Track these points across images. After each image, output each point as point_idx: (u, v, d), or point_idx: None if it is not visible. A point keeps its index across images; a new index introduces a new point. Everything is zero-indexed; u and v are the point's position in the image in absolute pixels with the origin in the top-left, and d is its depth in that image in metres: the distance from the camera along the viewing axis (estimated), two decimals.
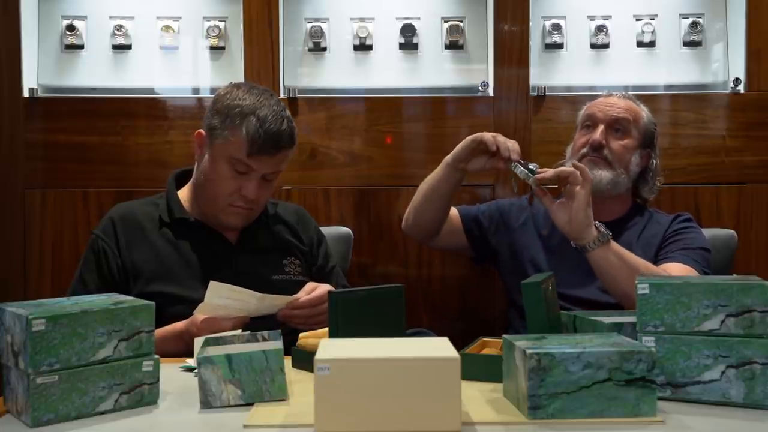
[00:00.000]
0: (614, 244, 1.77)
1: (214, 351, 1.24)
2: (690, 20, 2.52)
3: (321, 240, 2.00)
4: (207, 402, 1.18)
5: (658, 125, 2.15)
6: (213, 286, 1.53)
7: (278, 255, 1.87)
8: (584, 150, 2.02)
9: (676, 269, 1.83)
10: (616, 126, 2.03)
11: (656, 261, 1.93)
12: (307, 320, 1.64)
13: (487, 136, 1.87)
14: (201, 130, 1.81)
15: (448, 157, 1.95)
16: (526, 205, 2.06)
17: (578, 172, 1.74)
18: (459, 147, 1.92)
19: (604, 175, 1.98)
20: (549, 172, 1.76)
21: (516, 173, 1.81)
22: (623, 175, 2.01)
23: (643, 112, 2.08)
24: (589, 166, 1.97)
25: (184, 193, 1.87)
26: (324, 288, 1.67)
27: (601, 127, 2.02)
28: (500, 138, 1.86)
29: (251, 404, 1.18)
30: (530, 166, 1.80)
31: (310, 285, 1.69)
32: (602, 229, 1.77)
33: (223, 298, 1.54)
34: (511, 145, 1.84)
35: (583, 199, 1.73)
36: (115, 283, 1.73)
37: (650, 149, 2.08)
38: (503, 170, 1.89)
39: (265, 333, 1.36)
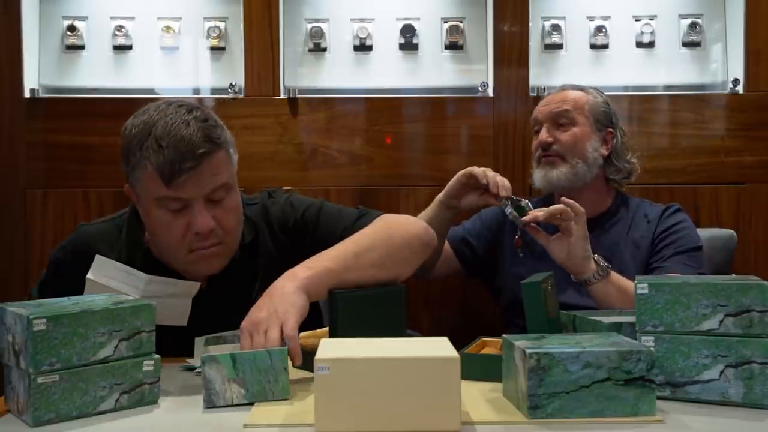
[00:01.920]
0: (614, 276, 1.75)
1: (217, 350, 1.24)
2: (689, 21, 2.53)
3: (307, 224, 1.60)
4: (210, 401, 1.18)
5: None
6: (98, 260, 1.44)
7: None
8: (537, 153, 2.02)
9: None
10: (559, 120, 2.00)
11: (650, 265, 1.91)
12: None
13: (477, 169, 1.85)
14: (126, 185, 1.51)
15: (440, 195, 1.93)
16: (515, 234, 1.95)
17: (569, 208, 1.71)
18: (451, 183, 1.91)
19: (560, 171, 1.96)
20: (540, 214, 1.73)
21: (506, 213, 1.79)
22: (580, 163, 1.97)
23: (587, 95, 2.04)
24: (546, 169, 1.98)
25: None
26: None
27: (545, 127, 2.01)
28: (490, 173, 1.84)
29: (254, 403, 1.19)
30: (522, 203, 1.78)
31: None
32: (601, 262, 1.75)
33: (108, 278, 1.44)
34: (500, 182, 1.81)
35: (580, 233, 1.71)
36: None
37: (610, 128, 2.03)
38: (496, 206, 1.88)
39: None
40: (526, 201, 1.79)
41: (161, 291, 1.46)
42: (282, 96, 2.45)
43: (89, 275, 1.45)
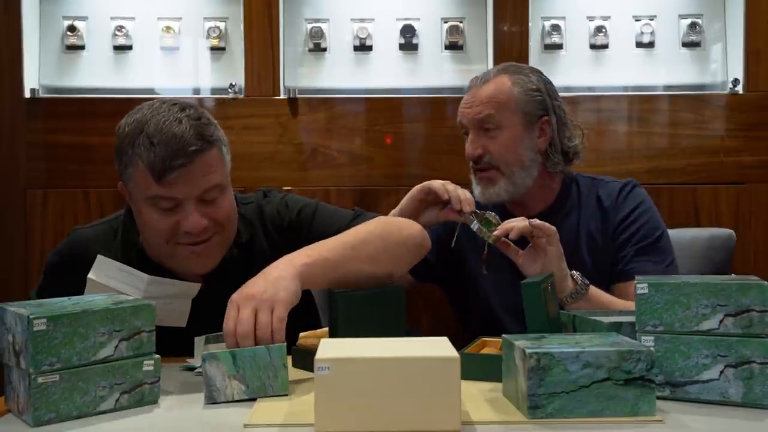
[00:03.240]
0: (592, 293, 1.66)
1: (217, 348, 1.25)
2: (689, 21, 2.53)
3: (302, 224, 1.60)
4: (211, 397, 1.19)
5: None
6: (100, 260, 1.44)
7: None
8: (471, 164, 1.84)
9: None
10: (485, 126, 1.80)
11: (614, 265, 1.80)
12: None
13: (436, 184, 1.73)
14: (120, 182, 1.50)
15: (395, 211, 1.78)
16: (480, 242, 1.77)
17: (539, 229, 1.60)
18: (406, 200, 1.77)
19: (499, 187, 1.80)
20: (510, 227, 1.62)
21: (472, 229, 1.69)
22: (517, 171, 1.80)
23: (514, 86, 1.81)
24: (483, 185, 1.82)
25: None
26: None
27: (470, 136, 1.83)
28: (450, 187, 1.73)
29: (254, 399, 1.19)
30: (487, 216, 1.69)
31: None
32: (579, 279, 1.65)
33: (109, 278, 1.44)
34: (463, 195, 1.71)
35: (554, 253, 1.61)
36: None
37: (545, 115, 1.82)
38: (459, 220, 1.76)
39: None
40: (492, 213, 1.70)
41: (162, 292, 1.46)
42: (282, 96, 2.45)
43: (90, 275, 1.46)
